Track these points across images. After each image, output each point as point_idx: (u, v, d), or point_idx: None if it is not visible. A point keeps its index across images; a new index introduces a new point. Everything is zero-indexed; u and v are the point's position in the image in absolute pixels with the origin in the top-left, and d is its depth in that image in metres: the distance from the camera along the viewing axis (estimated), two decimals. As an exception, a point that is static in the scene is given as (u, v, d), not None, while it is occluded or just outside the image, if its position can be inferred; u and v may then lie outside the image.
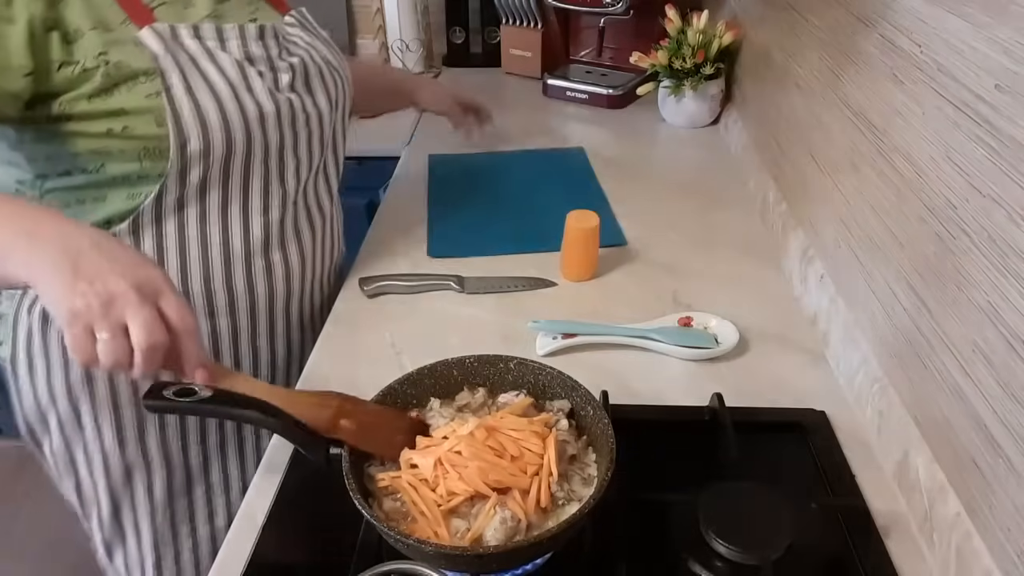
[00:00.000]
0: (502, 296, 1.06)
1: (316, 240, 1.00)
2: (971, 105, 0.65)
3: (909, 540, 0.71)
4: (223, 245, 0.88)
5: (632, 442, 0.69)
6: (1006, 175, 0.59)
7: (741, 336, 0.95)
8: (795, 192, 1.13)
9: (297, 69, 0.88)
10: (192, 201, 0.84)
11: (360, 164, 1.62)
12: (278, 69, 0.86)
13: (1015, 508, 0.58)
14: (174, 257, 0.86)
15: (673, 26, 1.56)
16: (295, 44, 0.91)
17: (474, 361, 0.76)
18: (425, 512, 0.62)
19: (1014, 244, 0.58)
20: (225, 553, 0.71)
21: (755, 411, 0.84)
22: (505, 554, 0.59)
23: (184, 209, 0.84)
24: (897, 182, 0.79)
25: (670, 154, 1.56)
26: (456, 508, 0.63)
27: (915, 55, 0.75)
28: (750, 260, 1.14)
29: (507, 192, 1.37)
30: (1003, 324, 0.59)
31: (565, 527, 0.59)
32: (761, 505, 0.68)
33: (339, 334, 1.00)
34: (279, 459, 0.80)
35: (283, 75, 0.86)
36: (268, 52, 0.86)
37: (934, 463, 0.69)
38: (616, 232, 1.21)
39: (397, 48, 1.92)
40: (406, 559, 0.59)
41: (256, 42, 0.85)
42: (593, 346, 0.95)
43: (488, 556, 0.59)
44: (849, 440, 0.81)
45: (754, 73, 1.42)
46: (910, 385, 0.75)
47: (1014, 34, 0.59)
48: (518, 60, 1.93)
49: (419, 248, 1.19)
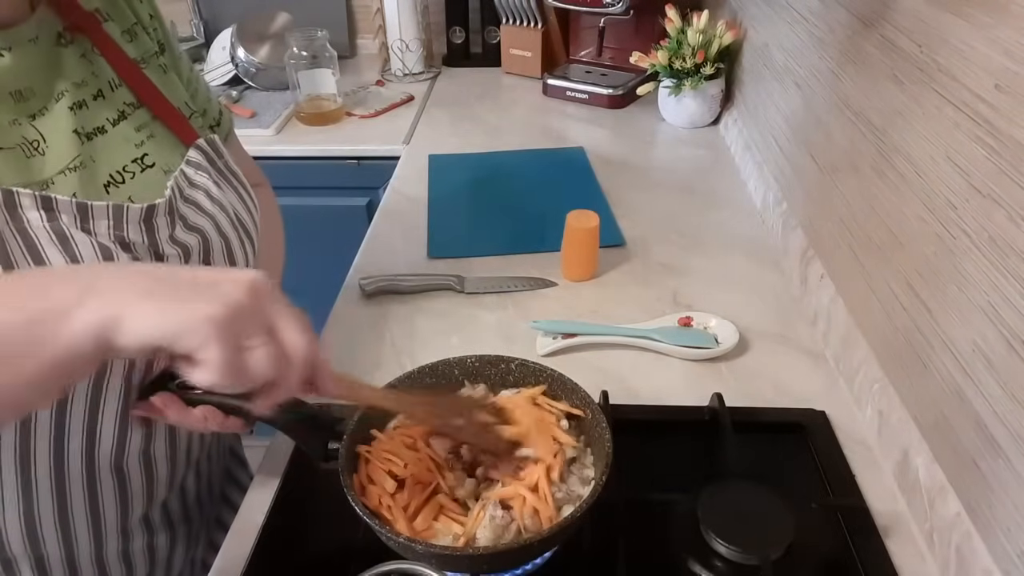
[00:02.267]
0: (502, 296, 1.06)
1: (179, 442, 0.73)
2: (971, 105, 0.65)
3: (909, 540, 0.71)
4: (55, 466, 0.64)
5: (632, 442, 0.69)
6: (1006, 175, 0.59)
7: (741, 336, 0.94)
8: (795, 192, 1.13)
9: (193, 251, 0.66)
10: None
11: (360, 164, 1.62)
12: (165, 256, 0.64)
13: (1015, 508, 0.58)
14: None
15: (673, 26, 1.56)
16: (196, 208, 0.68)
17: (475, 361, 0.76)
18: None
19: (1014, 244, 0.58)
20: (225, 553, 0.71)
21: (755, 411, 0.84)
22: (496, 555, 0.59)
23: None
24: (897, 182, 0.79)
25: (670, 154, 1.56)
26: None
27: (915, 55, 0.75)
28: (750, 260, 1.14)
29: (507, 192, 1.37)
30: (1003, 324, 0.59)
31: (558, 529, 0.59)
32: (761, 505, 0.68)
33: (339, 334, 1.00)
34: (279, 459, 0.80)
35: (170, 264, 0.64)
36: (155, 235, 0.63)
37: (934, 463, 0.69)
38: (616, 232, 1.21)
39: (397, 48, 1.92)
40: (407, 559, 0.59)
41: (138, 225, 0.61)
42: (593, 346, 0.95)
43: (479, 556, 0.59)
44: (849, 440, 0.81)
45: (754, 73, 1.42)
46: (910, 385, 0.75)
47: (1014, 34, 0.59)
48: (518, 60, 1.93)
49: (419, 248, 1.19)
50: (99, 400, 0.63)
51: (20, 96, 0.59)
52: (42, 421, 0.61)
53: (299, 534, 0.73)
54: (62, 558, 0.69)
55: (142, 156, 0.66)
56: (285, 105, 1.74)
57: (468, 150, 1.53)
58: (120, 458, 0.67)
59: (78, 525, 0.68)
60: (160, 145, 0.69)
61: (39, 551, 0.68)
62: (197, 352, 0.43)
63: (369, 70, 2.03)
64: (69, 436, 0.63)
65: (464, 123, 1.69)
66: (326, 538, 0.72)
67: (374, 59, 2.10)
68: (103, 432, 0.65)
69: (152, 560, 0.77)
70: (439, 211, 1.30)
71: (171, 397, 0.63)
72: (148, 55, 0.72)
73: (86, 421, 0.63)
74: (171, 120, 0.70)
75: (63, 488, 0.65)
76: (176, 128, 0.70)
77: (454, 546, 0.60)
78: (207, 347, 0.43)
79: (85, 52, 0.66)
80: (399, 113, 1.76)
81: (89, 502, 0.68)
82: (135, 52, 0.71)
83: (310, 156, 1.62)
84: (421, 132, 1.65)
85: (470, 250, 1.17)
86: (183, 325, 0.43)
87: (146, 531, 0.75)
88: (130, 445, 0.67)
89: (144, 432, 0.68)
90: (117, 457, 0.67)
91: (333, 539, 0.71)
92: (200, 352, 0.43)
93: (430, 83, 1.93)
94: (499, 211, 1.30)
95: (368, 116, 1.73)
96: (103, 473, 0.67)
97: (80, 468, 0.65)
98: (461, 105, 1.79)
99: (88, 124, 0.64)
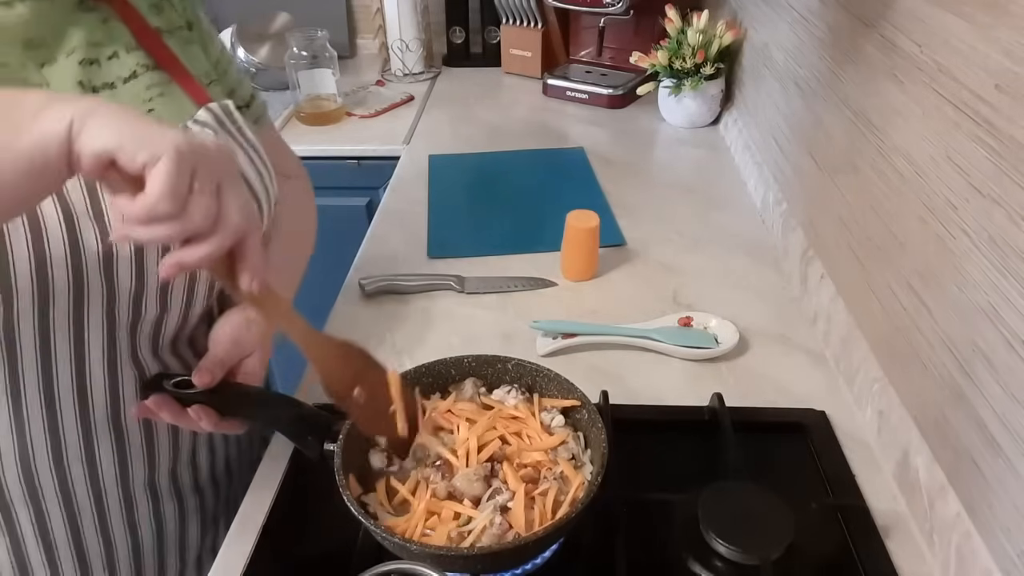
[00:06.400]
0: (502, 296, 1.06)
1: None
2: (971, 105, 0.65)
3: (909, 540, 0.71)
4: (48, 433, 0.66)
5: (632, 442, 0.69)
6: (1006, 175, 0.59)
7: (741, 336, 0.94)
8: (795, 192, 1.13)
9: None
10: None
11: (360, 164, 1.62)
12: None
13: (1015, 508, 0.58)
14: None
15: (673, 26, 1.56)
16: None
17: (472, 361, 0.76)
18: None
19: (1014, 244, 0.58)
20: (225, 553, 0.71)
21: (755, 411, 0.84)
22: (491, 555, 0.59)
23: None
24: (897, 182, 0.78)
25: (670, 154, 1.56)
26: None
27: (915, 55, 0.75)
28: (750, 260, 1.14)
29: (507, 192, 1.37)
30: (1003, 324, 0.59)
31: (552, 530, 0.59)
32: (761, 505, 0.68)
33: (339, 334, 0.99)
34: (279, 459, 0.80)
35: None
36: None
37: (934, 463, 0.69)
38: (616, 232, 1.21)
39: (397, 48, 1.92)
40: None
41: None
42: (593, 346, 0.95)
43: (473, 557, 0.59)
44: (849, 440, 0.81)
45: (754, 73, 1.42)
46: (910, 385, 0.75)
47: (1014, 34, 0.59)
48: (518, 60, 1.93)
49: (419, 248, 1.19)
50: (83, 334, 0.64)
51: (31, 44, 0.61)
52: (28, 350, 0.62)
53: (299, 534, 0.73)
54: (62, 514, 0.71)
55: (148, 111, 0.67)
56: (285, 105, 1.74)
57: (468, 150, 1.53)
58: (117, 414, 0.69)
59: (75, 475, 0.69)
60: (169, 104, 0.69)
61: (38, 502, 0.69)
62: (151, 164, 0.43)
63: (369, 70, 2.03)
64: (58, 372, 0.64)
65: (464, 123, 1.69)
66: (326, 538, 0.72)
67: (374, 59, 2.10)
68: (93, 376, 0.66)
69: (160, 533, 0.78)
70: (439, 211, 1.30)
71: (165, 398, 0.64)
72: (173, 27, 0.73)
73: (72, 358, 0.64)
74: (187, 85, 0.71)
75: (57, 434, 0.67)
76: (192, 92, 0.71)
77: (448, 546, 0.60)
78: (162, 161, 0.43)
79: (107, 18, 0.67)
80: (399, 113, 1.76)
81: (85, 452, 0.69)
82: (158, 23, 0.72)
83: (310, 156, 1.62)
84: (421, 132, 1.65)
85: (470, 250, 1.17)
86: (145, 138, 0.43)
87: (151, 497, 0.76)
88: (124, 399, 0.69)
89: (137, 387, 0.69)
90: (113, 412, 0.69)
91: (333, 539, 0.71)
92: (152, 167, 0.43)
93: (430, 83, 1.93)
94: (499, 211, 1.30)
95: (368, 116, 1.73)
96: (99, 427, 0.69)
97: (74, 416, 0.67)
98: (461, 105, 1.79)
99: (97, 79, 0.65)
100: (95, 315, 0.63)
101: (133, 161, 0.43)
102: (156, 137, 0.43)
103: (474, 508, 0.63)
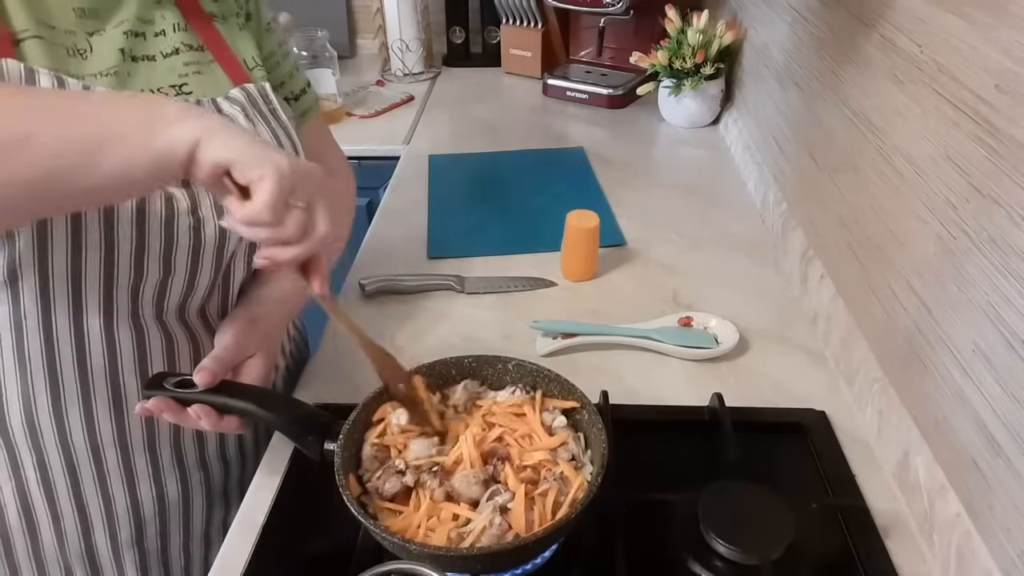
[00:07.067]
0: (502, 296, 1.06)
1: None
2: (971, 105, 0.65)
3: (909, 540, 0.71)
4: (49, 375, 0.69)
5: (632, 442, 0.69)
6: (1006, 175, 0.59)
7: (741, 336, 0.94)
8: (795, 192, 1.13)
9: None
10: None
11: (360, 164, 1.62)
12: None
13: (1015, 508, 0.58)
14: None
15: (673, 26, 1.56)
16: None
17: (472, 361, 0.76)
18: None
19: (1014, 244, 0.58)
20: (225, 553, 0.71)
21: (755, 411, 0.84)
22: (491, 555, 0.59)
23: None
24: (897, 182, 0.78)
25: (670, 154, 1.56)
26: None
27: (915, 55, 0.75)
28: (750, 260, 1.14)
29: (507, 192, 1.37)
30: (1003, 324, 0.59)
31: (552, 530, 0.59)
32: (761, 505, 0.68)
33: (339, 334, 1.00)
34: (279, 459, 0.80)
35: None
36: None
37: (934, 463, 0.69)
38: (616, 232, 1.21)
39: (397, 48, 1.92)
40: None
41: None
42: (593, 346, 0.95)
43: (473, 557, 0.59)
44: (849, 440, 0.81)
45: (754, 73, 1.42)
46: (910, 385, 0.75)
47: (1014, 34, 0.59)
48: (518, 60, 1.93)
49: (419, 248, 1.19)
50: (80, 283, 0.66)
51: (84, 13, 0.66)
52: (28, 292, 0.65)
53: (299, 534, 0.73)
54: (62, 463, 0.73)
55: (181, 84, 0.71)
56: (285, 105, 1.74)
57: (468, 150, 1.53)
58: (115, 371, 0.72)
59: (72, 423, 0.72)
60: (204, 82, 0.73)
61: (39, 449, 0.72)
62: (257, 181, 0.50)
63: (369, 70, 2.03)
64: (56, 318, 0.67)
65: (464, 123, 1.69)
66: (326, 538, 0.72)
67: (374, 59, 2.10)
68: (90, 328, 0.69)
69: (161, 500, 0.80)
70: (439, 211, 1.30)
71: (166, 400, 0.66)
72: (228, 15, 0.78)
73: (71, 307, 0.67)
74: (229, 67, 0.76)
75: (55, 378, 0.69)
76: (232, 73, 0.76)
77: (448, 546, 0.60)
78: (267, 180, 0.50)
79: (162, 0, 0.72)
80: (399, 113, 1.76)
81: (82, 401, 0.71)
82: (213, 8, 0.76)
83: (310, 156, 1.62)
84: (421, 132, 1.65)
85: (470, 250, 1.17)
86: (257, 158, 0.50)
87: (150, 462, 0.77)
88: (121, 355, 0.71)
89: (135, 343, 0.72)
90: (111, 368, 0.71)
91: (333, 539, 0.71)
92: (259, 183, 0.50)
93: (430, 83, 1.93)
94: (499, 211, 1.30)
95: (368, 116, 1.73)
96: (96, 379, 0.71)
97: (72, 364, 0.69)
98: (461, 105, 1.79)
99: (139, 51, 0.69)
100: (92, 267, 0.66)
101: (244, 174, 0.50)
102: (265, 157, 0.50)
103: (472, 510, 0.63)
